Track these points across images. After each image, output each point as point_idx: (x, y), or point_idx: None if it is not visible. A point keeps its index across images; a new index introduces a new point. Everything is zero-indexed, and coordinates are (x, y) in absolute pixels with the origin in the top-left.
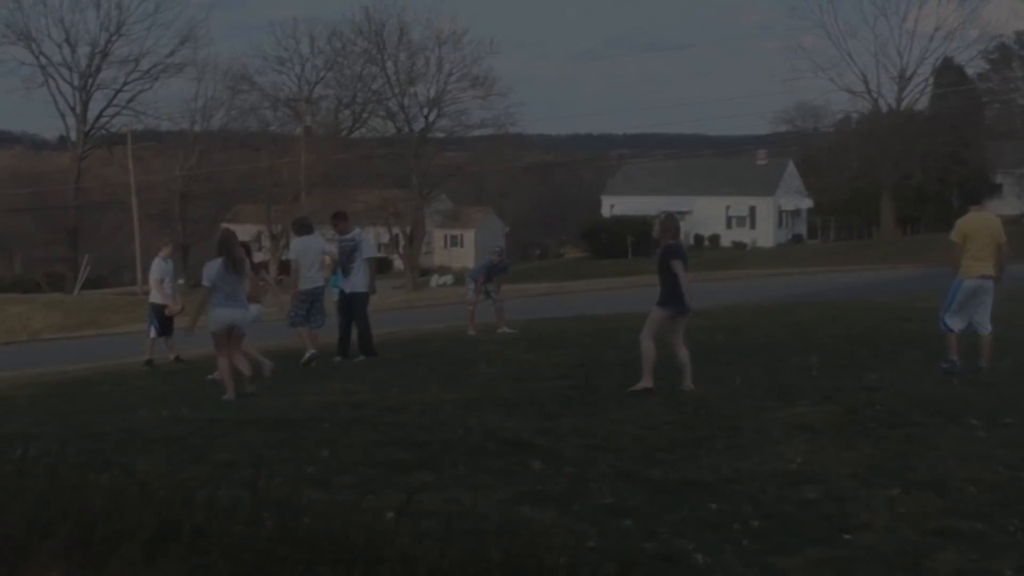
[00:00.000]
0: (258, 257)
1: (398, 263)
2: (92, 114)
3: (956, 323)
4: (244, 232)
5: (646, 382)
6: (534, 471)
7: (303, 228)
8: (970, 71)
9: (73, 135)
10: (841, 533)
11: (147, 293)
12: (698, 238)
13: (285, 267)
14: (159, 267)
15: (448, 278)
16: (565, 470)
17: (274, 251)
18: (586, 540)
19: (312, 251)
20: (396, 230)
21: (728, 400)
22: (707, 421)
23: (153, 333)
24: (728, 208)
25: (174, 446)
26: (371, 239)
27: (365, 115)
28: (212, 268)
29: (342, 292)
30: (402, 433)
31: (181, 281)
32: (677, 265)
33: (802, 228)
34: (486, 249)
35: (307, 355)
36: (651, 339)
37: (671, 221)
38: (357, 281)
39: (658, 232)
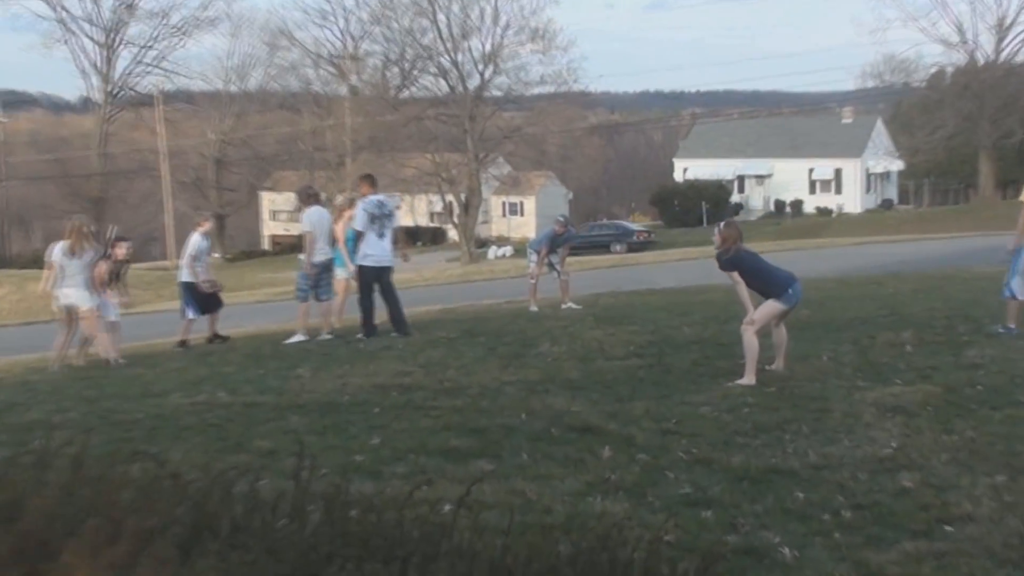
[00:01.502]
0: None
1: (452, 233)
2: (117, 73)
3: (1020, 289)
4: (285, 201)
5: (749, 378)
6: (604, 459)
7: (312, 198)
8: None
9: (97, 96)
10: (941, 524)
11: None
12: (779, 204)
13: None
14: (196, 243)
15: (507, 249)
16: (638, 457)
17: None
18: (662, 533)
19: (325, 222)
20: (450, 197)
21: (815, 380)
22: (792, 403)
23: (191, 314)
24: (811, 171)
25: (210, 434)
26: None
27: (415, 73)
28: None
29: (362, 267)
30: (459, 418)
31: (217, 255)
32: (737, 283)
33: (892, 192)
34: (547, 218)
35: (294, 338)
36: (756, 332)
37: (730, 230)
38: (388, 252)
39: (718, 244)
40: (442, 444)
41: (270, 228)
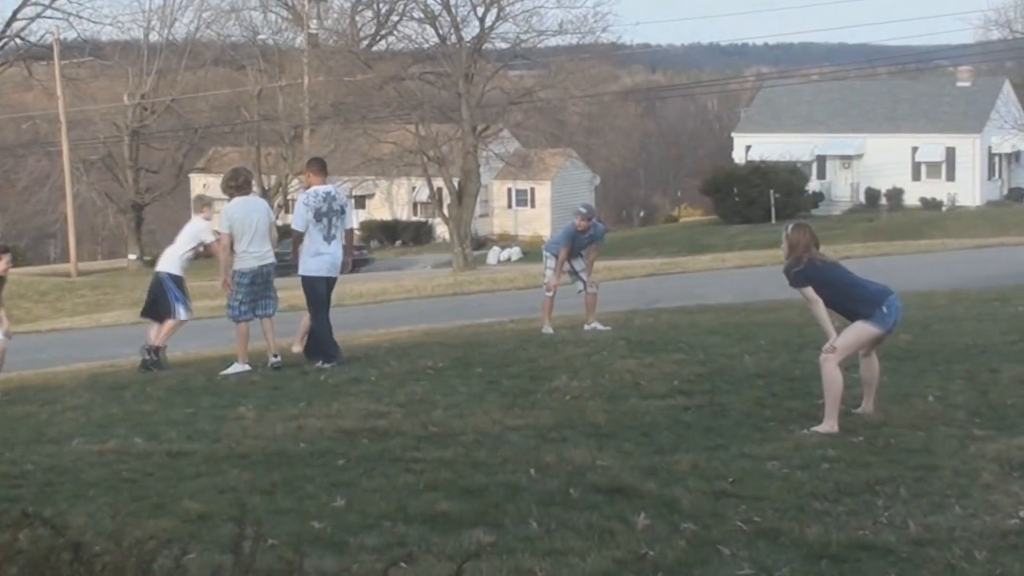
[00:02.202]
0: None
1: (442, 230)
2: (1, 17)
3: None
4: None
5: (830, 424)
6: (638, 529)
7: (241, 186)
8: None
9: None
10: None
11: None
12: (871, 194)
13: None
14: (201, 231)
15: (513, 251)
16: (683, 527)
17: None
18: None
19: (256, 216)
20: (439, 182)
21: (917, 427)
22: (887, 457)
23: (183, 314)
24: (915, 151)
25: (123, 491)
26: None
27: (394, 18)
28: None
29: (306, 277)
30: (449, 474)
31: (133, 256)
32: (812, 301)
33: (1023, 179)
34: (567, 210)
35: (233, 368)
36: (838, 364)
37: (800, 233)
38: (338, 258)
39: (786, 252)
40: (426, 508)
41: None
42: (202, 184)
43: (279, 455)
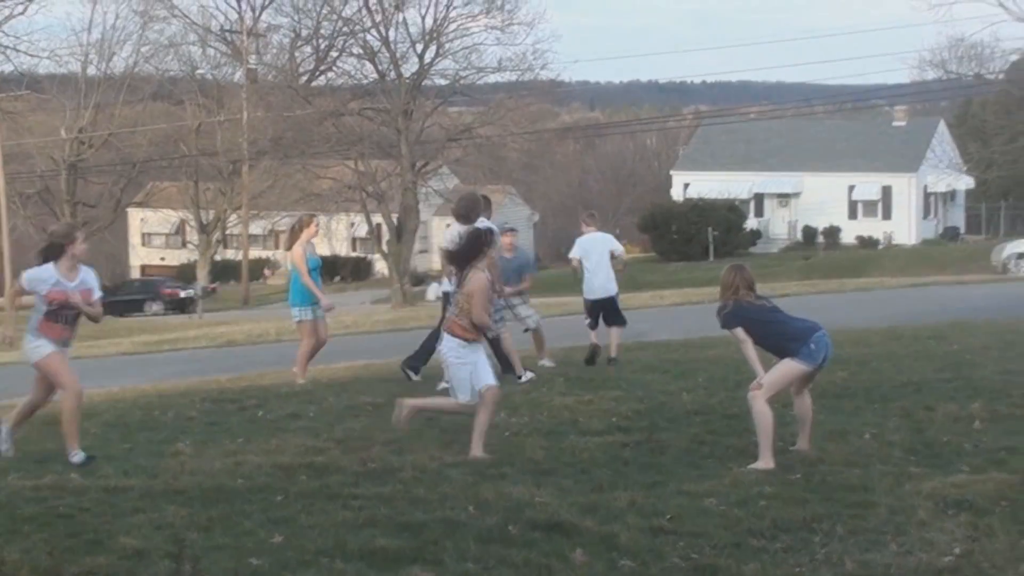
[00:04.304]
0: (184, 257)
1: (381, 265)
2: None
3: None
4: (161, 221)
5: (766, 461)
6: (576, 566)
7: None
8: None
9: None
10: None
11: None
12: (809, 232)
13: (229, 271)
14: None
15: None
16: (621, 564)
17: (204, 248)
18: None
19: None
20: (378, 218)
21: (853, 465)
22: (823, 494)
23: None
24: (852, 189)
25: (58, 527)
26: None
27: (333, 54)
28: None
29: None
30: (387, 510)
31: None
32: (741, 341)
33: (958, 218)
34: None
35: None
36: (767, 400)
37: (731, 275)
38: None
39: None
40: (364, 544)
41: (141, 256)
42: (139, 218)
43: (217, 491)
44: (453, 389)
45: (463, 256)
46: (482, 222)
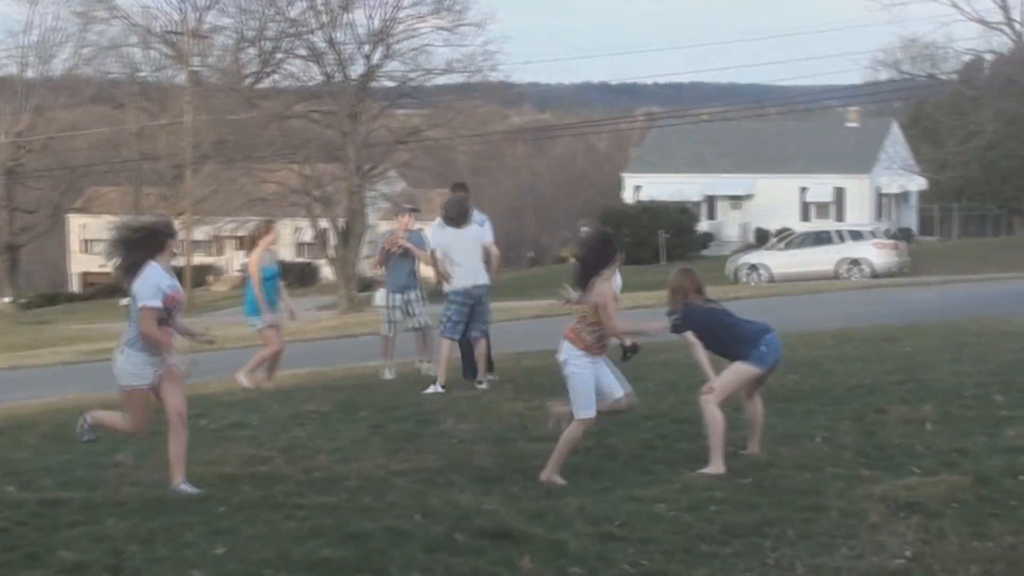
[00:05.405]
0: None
1: (327, 271)
2: None
3: None
4: (102, 227)
5: (716, 466)
6: (524, 574)
7: None
8: None
9: None
10: None
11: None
12: (761, 234)
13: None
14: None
15: None
16: (570, 571)
17: None
18: None
19: None
20: (324, 223)
21: (804, 468)
22: (774, 498)
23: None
24: (805, 191)
25: None
26: None
27: (278, 55)
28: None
29: None
30: (332, 520)
31: (7, 299)
32: (691, 344)
33: (911, 220)
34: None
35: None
36: (719, 404)
37: (680, 278)
38: None
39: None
40: (309, 555)
41: (81, 263)
42: (80, 224)
43: (158, 502)
44: (574, 403)
45: (592, 265)
46: (477, 216)
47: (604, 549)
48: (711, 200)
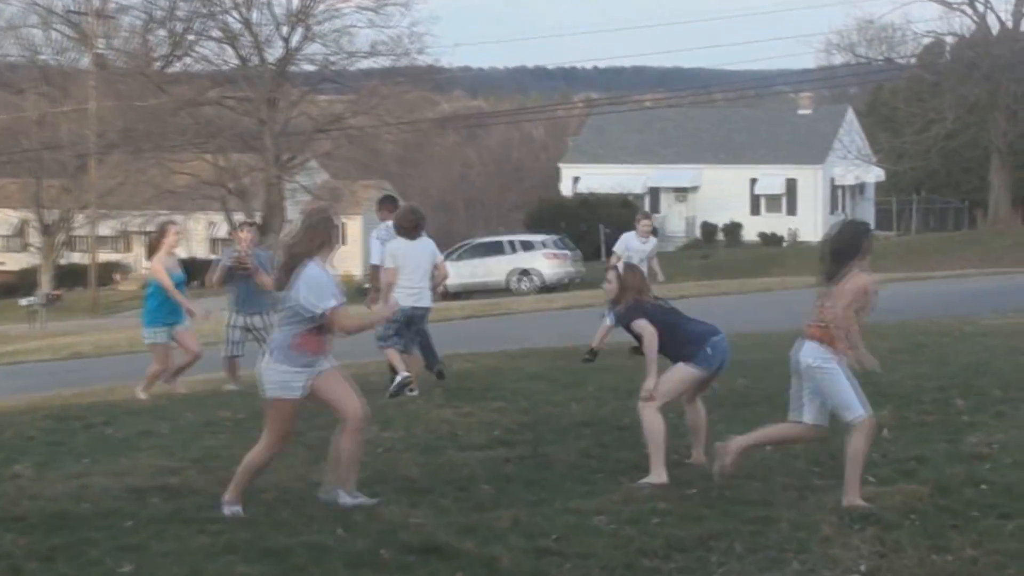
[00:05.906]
0: (25, 262)
1: None
2: None
3: None
4: (1, 222)
5: (657, 475)
6: None
7: None
8: None
9: None
10: None
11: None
12: (708, 229)
13: (76, 276)
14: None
15: None
16: None
17: (48, 251)
18: None
19: None
20: (240, 217)
21: (754, 477)
22: (721, 510)
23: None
24: (754, 183)
25: None
26: None
27: (190, 38)
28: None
29: None
30: (248, 535)
31: None
32: (648, 335)
33: (867, 213)
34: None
35: None
36: (659, 409)
37: (631, 275)
38: None
39: (613, 292)
40: (223, 571)
41: None
42: None
43: (60, 517)
44: (837, 407)
45: (846, 253)
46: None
47: (539, 565)
48: (654, 192)
